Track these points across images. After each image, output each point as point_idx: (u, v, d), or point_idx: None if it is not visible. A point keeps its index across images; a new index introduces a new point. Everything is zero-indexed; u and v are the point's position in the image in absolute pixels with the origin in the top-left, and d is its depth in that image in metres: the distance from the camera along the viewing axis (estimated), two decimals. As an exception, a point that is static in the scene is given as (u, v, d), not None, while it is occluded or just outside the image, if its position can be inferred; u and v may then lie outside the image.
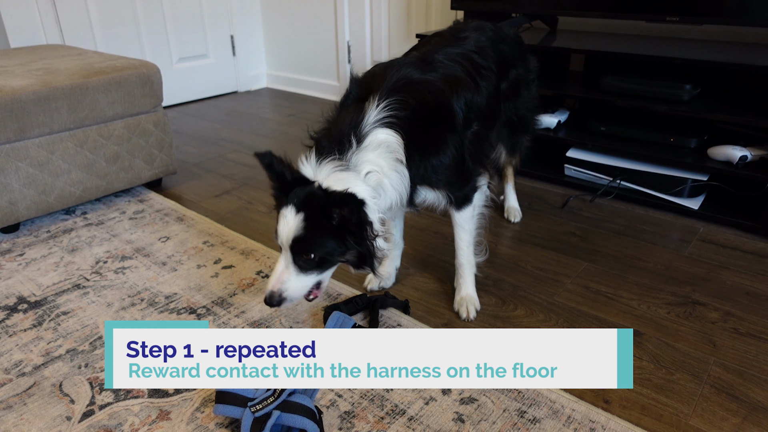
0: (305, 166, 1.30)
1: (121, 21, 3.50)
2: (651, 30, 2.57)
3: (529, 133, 2.02)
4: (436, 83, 1.43)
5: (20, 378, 1.40)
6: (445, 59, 1.50)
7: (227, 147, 3.06)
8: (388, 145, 1.30)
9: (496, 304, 1.67)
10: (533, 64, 1.93)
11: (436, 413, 1.27)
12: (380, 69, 1.45)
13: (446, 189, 1.48)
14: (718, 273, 1.81)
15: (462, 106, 1.46)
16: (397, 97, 1.33)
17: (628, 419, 1.25)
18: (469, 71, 1.53)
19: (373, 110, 1.31)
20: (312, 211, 1.24)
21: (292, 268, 1.30)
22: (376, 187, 1.31)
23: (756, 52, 2.15)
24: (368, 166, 1.29)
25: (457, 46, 1.59)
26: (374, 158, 1.29)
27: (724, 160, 2.08)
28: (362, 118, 1.30)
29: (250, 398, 1.18)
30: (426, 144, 1.38)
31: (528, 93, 1.90)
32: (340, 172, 1.26)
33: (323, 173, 1.27)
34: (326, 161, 1.27)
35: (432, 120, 1.40)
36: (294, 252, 1.28)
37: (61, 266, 1.89)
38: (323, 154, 1.29)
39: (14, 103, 1.94)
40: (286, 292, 1.31)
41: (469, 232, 1.61)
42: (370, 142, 1.29)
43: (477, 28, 1.71)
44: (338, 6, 3.66)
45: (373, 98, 1.33)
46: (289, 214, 1.26)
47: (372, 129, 1.30)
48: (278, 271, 1.31)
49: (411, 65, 1.44)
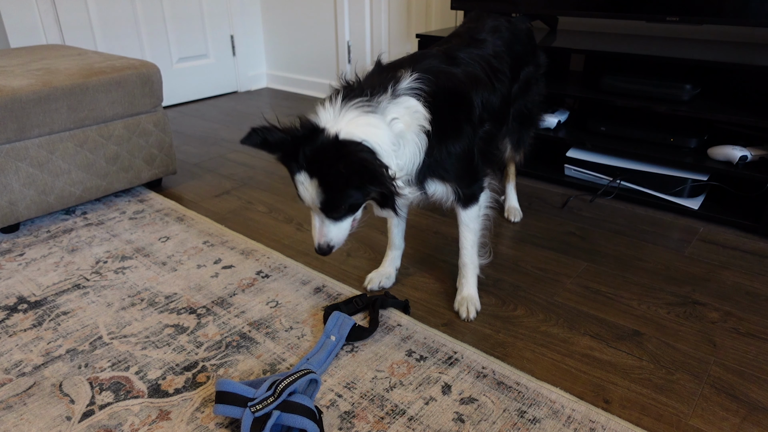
0: (326, 110, 1.25)
1: (121, 21, 3.50)
2: (651, 30, 2.57)
3: (534, 128, 2.05)
4: (459, 76, 1.45)
5: (20, 378, 1.40)
6: (467, 58, 1.54)
7: (227, 147, 3.06)
8: (417, 111, 1.31)
9: (496, 304, 1.67)
10: (542, 59, 1.97)
11: (436, 413, 1.27)
12: (405, 58, 1.47)
13: (455, 183, 1.48)
14: (718, 273, 1.81)
15: (479, 102, 1.48)
16: (425, 79, 1.35)
17: (628, 419, 1.25)
18: (487, 73, 1.56)
19: (407, 79, 1.32)
20: (326, 172, 1.20)
21: (327, 221, 1.31)
22: (399, 136, 1.28)
23: (756, 52, 2.15)
24: (395, 113, 1.27)
25: (477, 48, 1.62)
26: (403, 112, 1.28)
27: (724, 160, 2.08)
28: (397, 81, 1.31)
29: (250, 398, 1.18)
30: (446, 127, 1.39)
31: (537, 88, 1.94)
32: (366, 114, 1.23)
33: (346, 117, 1.22)
34: (353, 103, 1.24)
35: (454, 107, 1.42)
36: (324, 210, 1.28)
37: (61, 266, 1.89)
38: (352, 95, 1.26)
39: (14, 103, 1.94)
40: (332, 241, 1.33)
41: (474, 231, 1.61)
42: (401, 102, 1.29)
43: (493, 30, 1.73)
44: (338, 6, 3.66)
45: (405, 71, 1.34)
46: (305, 180, 1.22)
47: (404, 93, 1.30)
48: (317, 227, 1.32)
49: (435, 57, 1.47)
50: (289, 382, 1.19)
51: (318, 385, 1.28)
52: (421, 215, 2.22)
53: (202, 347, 1.49)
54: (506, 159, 2.08)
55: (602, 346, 1.49)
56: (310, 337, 1.52)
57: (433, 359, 1.43)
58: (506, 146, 1.97)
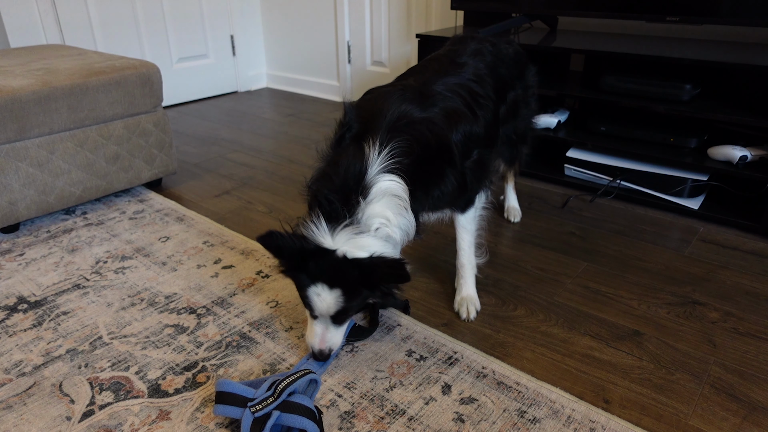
0: (319, 233, 1.25)
1: (121, 21, 3.50)
2: (651, 30, 2.57)
3: (527, 145, 2.01)
4: (436, 121, 1.39)
5: (20, 378, 1.40)
6: (444, 90, 1.47)
7: (227, 147, 3.06)
8: (393, 192, 1.28)
9: (496, 304, 1.67)
10: (532, 79, 1.89)
11: (436, 413, 1.27)
12: (379, 100, 1.40)
13: (450, 207, 1.53)
14: (718, 273, 1.81)
15: (460, 138, 1.43)
16: (399, 139, 1.29)
17: (628, 419, 1.25)
18: (467, 102, 1.50)
19: (375, 157, 1.27)
20: (347, 284, 1.25)
21: (332, 327, 1.34)
22: (386, 239, 1.30)
23: (756, 52, 2.15)
24: (377, 221, 1.27)
25: (456, 75, 1.55)
26: (381, 210, 1.26)
27: (724, 160, 2.08)
28: (366, 168, 1.26)
29: (249, 398, 1.18)
30: (429, 182, 1.38)
31: (527, 110, 1.88)
32: (357, 237, 1.25)
33: (341, 239, 1.24)
34: (341, 227, 1.24)
35: (431, 159, 1.37)
36: (334, 319, 1.32)
37: (61, 266, 1.89)
38: (334, 218, 1.25)
39: (14, 103, 1.94)
40: (332, 345, 1.36)
41: (471, 232, 1.62)
42: (375, 194, 1.26)
43: (475, 53, 1.66)
44: (338, 6, 3.66)
45: (373, 141, 1.28)
46: (323, 292, 1.25)
47: (376, 178, 1.26)
48: (318, 334, 1.34)
49: (410, 101, 1.39)
50: (289, 382, 1.19)
51: (318, 385, 1.28)
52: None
53: (202, 347, 1.49)
54: (503, 171, 2.08)
55: (602, 346, 1.49)
56: (310, 337, 1.52)
57: (433, 359, 1.43)
58: (500, 164, 1.96)
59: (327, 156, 1.38)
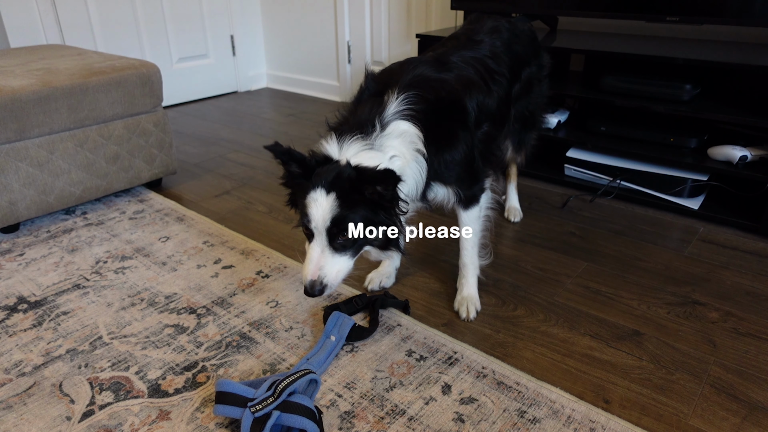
0: (329, 145, 1.29)
1: (121, 21, 3.50)
2: (651, 30, 2.57)
3: (536, 130, 2.05)
4: (450, 82, 1.45)
5: (20, 378, 1.40)
6: (459, 61, 1.53)
7: (227, 147, 3.06)
8: (409, 134, 1.32)
9: (496, 304, 1.67)
10: (546, 60, 1.95)
11: (436, 413, 1.27)
12: (396, 66, 1.47)
13: (456, 185, 1.50)
14: (718, 273, 1.81)
15: (474, 106, 1.47)
16: (414, 91, 1.35)
17: (628, 419, 1.25)
18: (482, 74, 1.55)
19: (393, 102, 1.33)
20: (344, 189, 1.22)
21: (328, 251, 1.27)
22: (401, 171, 1.29)
23: (756, 52, 2.15)
24: (393, 150, 1.29)
25: (472, 49, 1.61)
26: (398, 145, 1.30)
27: (724, 160, 2.08)
28: (383, 109, 1.32)
29: (249, 398, 1.18)
30: (441, 139, 1.40)
31: (539, 89, 1.93)
32: (368, 150, 1.27)
33: (350, 151, 1.26)
34: (352, 140, 1.27)
35: (446, 116, 1.42)
36: (330, 234, 1.25)
37: (61, 266, 1.89)
38: (346, 134, 1.29)
39: (14, 103, 1.94)
40: (326, 278, 1.27)
41: (474, 232, 1.62)
42: (392, 130, 1.30)
43: (492, 31, 1.72)
44: (338, 6, 3.66)
45: (391, 92, 1.35)
46: (320, 196, 1.23)
47: (393, 119, 1.31)
48: (314, 258, 1.27)
49: (426, 64, 1.46)
50: (289, 382, 1.19)
51: (318, 385, 1.28)
52: (421, 215, 2.22)
53: (202, 347, 1.49)
54: (508, 160, 2.08)
55: (602, 346, 1.49)
56: (310, 337, 1.52)
57: (433, 359, 1.43)
58: (507, 147, 1.96)
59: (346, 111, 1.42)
